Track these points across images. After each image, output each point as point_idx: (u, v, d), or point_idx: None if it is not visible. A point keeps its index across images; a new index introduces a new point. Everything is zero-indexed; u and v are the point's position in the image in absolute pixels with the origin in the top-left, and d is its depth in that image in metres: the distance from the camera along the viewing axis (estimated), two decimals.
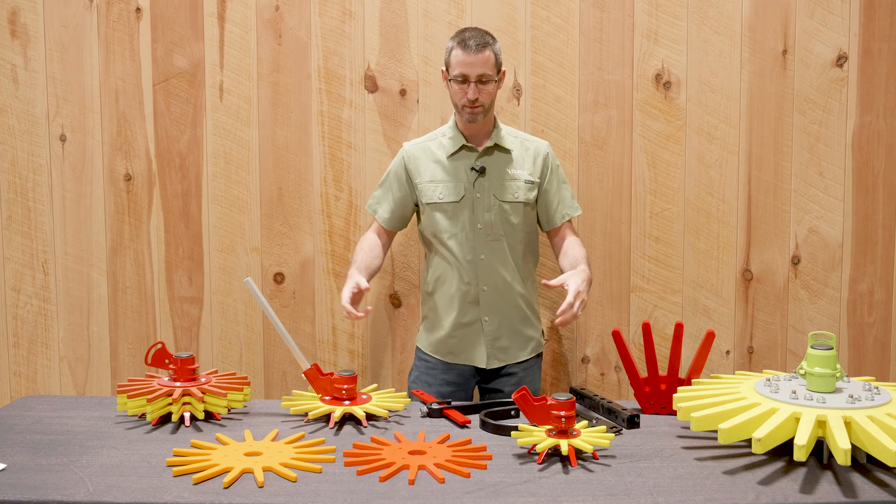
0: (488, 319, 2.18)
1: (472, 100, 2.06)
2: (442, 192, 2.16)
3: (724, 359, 2.58)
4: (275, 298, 2.57)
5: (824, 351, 1.55)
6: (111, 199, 2.57)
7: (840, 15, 2.48)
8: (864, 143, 2.52)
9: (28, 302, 2.60)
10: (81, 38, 2.52)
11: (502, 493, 1.37)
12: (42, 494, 1.35)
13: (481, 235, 2.15)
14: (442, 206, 2.16)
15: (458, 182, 2.15)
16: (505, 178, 2.16)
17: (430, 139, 2.24)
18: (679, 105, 2.51)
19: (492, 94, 2.10)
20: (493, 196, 2.15)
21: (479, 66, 2.04)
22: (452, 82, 2.09)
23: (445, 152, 2.18)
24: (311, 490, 1.38)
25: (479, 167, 2.14)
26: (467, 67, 2.05)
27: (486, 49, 2.06)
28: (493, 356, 2.19)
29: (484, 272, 2.16)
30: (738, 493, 1.36)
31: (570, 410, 1.53)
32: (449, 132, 2.20)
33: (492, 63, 2.07)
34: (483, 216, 2.15)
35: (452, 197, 2.15)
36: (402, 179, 2.22)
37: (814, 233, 2.54)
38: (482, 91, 2.07)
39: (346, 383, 1.77)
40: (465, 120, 2.12)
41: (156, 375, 1.87)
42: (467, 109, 2.09)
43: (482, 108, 2.09)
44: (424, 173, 2.19)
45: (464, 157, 2.17)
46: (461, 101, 2.09)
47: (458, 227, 2.15)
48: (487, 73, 2.06)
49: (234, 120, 2.53)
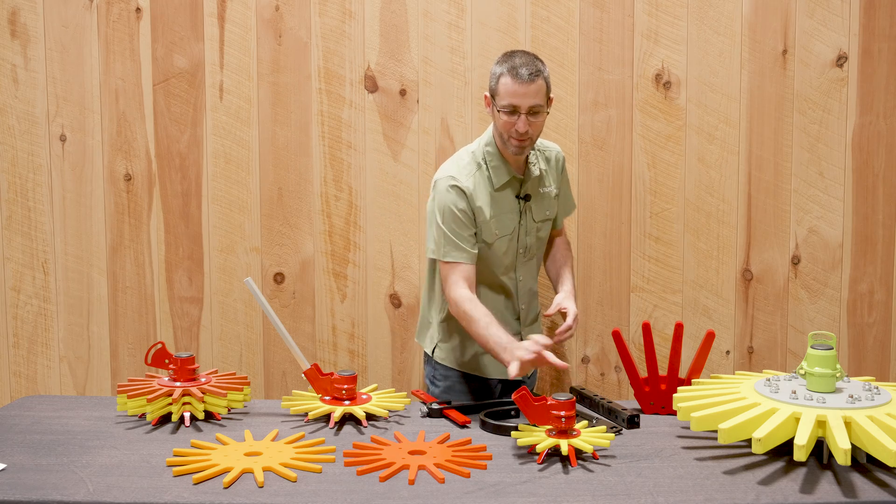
0: (524, 333, 2.14)
1: (521, 133, 1.90)
2: (497, 228, 2.02)
3: (724, 359, 2.58)
4: (275, 298, 2.57)
5: (824, 351, 1.55)
6: (111, 199, 2.57)
7: (840, 15, 2.48)
8: (864, 143, 2.52)
9: (28, 302, 2.60)
10: (81, 38, 2.52)
11: (502, 493, 1.37)
12: (42, 494, 1.35)
13: (521, 258, 2.11)
14: (497, 240, 2.04)
15: (508, 214, 2.04)
16: (540, 198, 2.10)
17: (475, 168, 2.02)
18: (679, 105, 2.51)
19: (540, 125, 1.95)
20: (532, 220, 2.09)
21: (530, 98, 1.88)
22: (501, 112, 1.92)
23: (493, 183, 2.02)
24: (311, 490, 1.38)
25: (525, 195, 2.05)
26: (518, 98, 1.88)
27: (539, 78, 1.89)
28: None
29: (522, 291, 2.14)
30: (738, 493, 1.36)
31: (570, 410, 1.53)
32: (492, 160, 2.02)
33: (543, 93, 1.91)
34: (524, 241, 2.09)
35: (505, 231, 2.04)
36: (470, 217, 1.99)
37: (814, 233, 2.54)
38: (532, 124, 1.91)
39: (346, 383, 1.77)
40: (512, 153, 1.97)
41: (156, 375, 1.87)
42: (514, 142, 1.93)
43: (530, 140, 1.94)
44: (485, 209, 2.00)
45: (508, 185, 2.04)
46: (508, 132, 1.92)
47: (508, 256, 2.08)
48: (539, 103, 1.90)
49: (234, 120, 2.53)
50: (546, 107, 1.94)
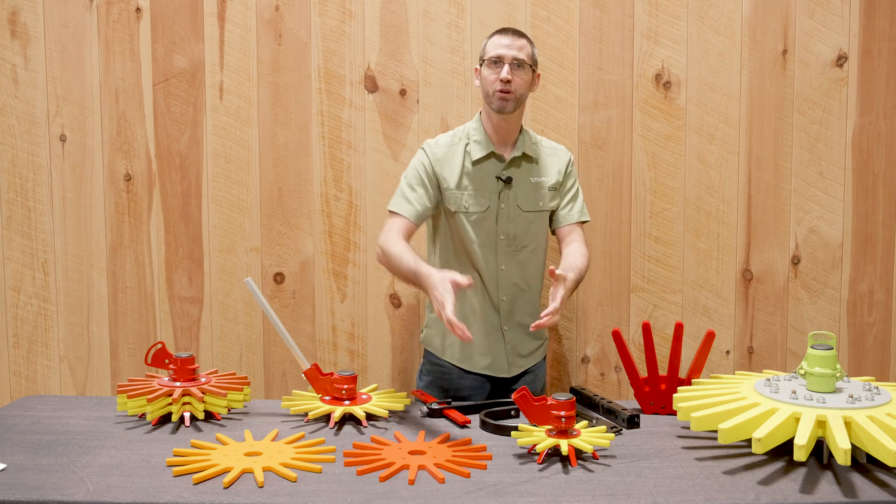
0: (507, 329, 2.14)
1: (504, 80, 1.96)
2: (467, 201, 2.06)
3: (724, 359, 2.58)
4: (275, 298, 2.57)
5: (824, 351, 1.55)
6: (111, 199, 2.57)
7: (840, 15, 2.48)
8: (864, 143, 2.52)
9: (28, 302, 2.60)
10: (81, 38, 2.52)
11: (502, 493, 1.37)
12: (42, 494, 1.35)
13: (503, 246, 2.09)
14: (467, 215, 2.07)
15: (484, 191, 2.07)
16: (530, 186, 2.09)
17: (456, 141, 2.10)
18: (679, 105, 2.51)
19: (524, 84, 2.01)
20: (517, 207, 2.08)
21: (515, 50, 1.99)
22: (485, 67, 2.01)
23: (471, 157, 2.07)
24: (311, 490, 1.38)
25: (506, 178, 2.06)
26: (503, 49, 1.99)
27: (524, 38, 2.02)
28: (513, 364, 2.16)
29: (504, 283, 2.11)
30: (738, 493, 1.36)
31: (570, 410, 1.53)
32: (475, 134, 2.09)
33: (528, 52, 2.01)
34: (506, 227, 2.08)
35: (477, 207, 2.06)
36: (431, 179, 2.07)
37: (814, 233, 2.54)
38: (515, 75, 1.98)
39: (346, 383, 1.77)
40: (494, 108, 2.01)
41: (156, 375, 1.87)
42: (498, 94, 1.98)
43: (513, 95, 1.99)
44: (451, 179, 2.06)
45: (490, 164, 2.08)
46: (493, 87, 1.99)
47: (482, 237, 2.08)
48: (523, 58, 1.99)
49: (234, 120, 2.53)
50: (531, 68, 2.03)
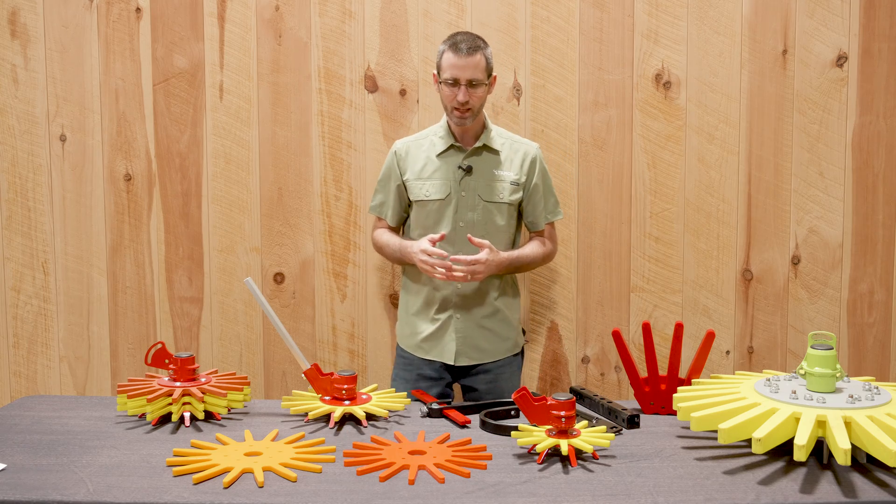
0: (459, 317, 2.20)
1: (461, 102, 2.08)
2: (428, 190, 2.18)
3: (724, 359, 2.58)
4: (275, 298, 2.57)
5: (824, 351, 1.55)
6: (111, 199, 2.57)
7: (840, 15, 2.48)
8: (864, 143, 2.52)
9: (28, 302, 2.60)
10: (81, 38, 2.52)
11: (502, 493, 1.37)
12: (42, 494, 1.35)
13: (462, 233, 2.17)
14: (428, 203, 2.18)
15: (445, 180, 2.18)
16: (491, 178, 2.19)
17: (422, 137, 2.26)
18: (679, 105, 2.51)
19: (481, 97, 2.12)
20: (477, 196, 2.17)
21: (469, 70, 2.06)
22: (443, 85, 2.11)
23: (435, 150, 2.20)
24: (311, 490, 1.38)
25: (466, 166, 2.17)
26: (458, 71, 2.06)
27: (478, 53, 2.07)
28: (462, 353, 2.21)
29: None
30: (738, 493, 1.36)
31: (570, 410, 1.53)
32: (440, 131, 2.22)
33: (482, 67, 2.09)
34: (466, 215, 2.17)
35: (438, 195, 2.17)
36: (396, 176, 2.24)
37: (814, 233, 2.54)
38: (472, 94, 2.08)
39: (346, 383, 1.77)
40: (454, 123, 2.15)
41: (156, 375, 1.87)
42: (456, 112, 2.11)
43: (471, 111, 2.11)
44: (413, 170, 2.21)
45: (452, 155, 2.19)
46: (451, 104, 2.11)
47: (442, 225, 2.18)
48: (478, 77, 2.08)
49: (234, 120, 2.53)
50: (486, 81, 2.11)
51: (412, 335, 2.26)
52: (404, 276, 2.30)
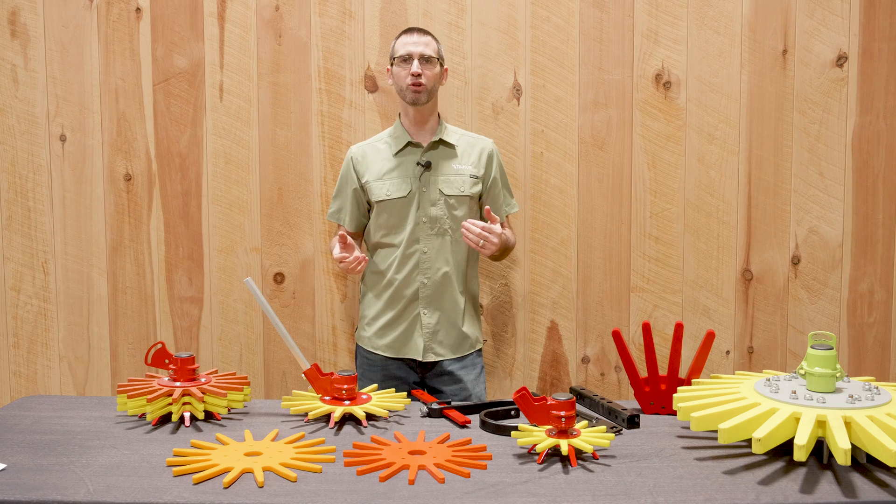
0: (427, 313, 2.21)
1: (415, 75, 2.13)
2: (389, 189, 2.20)
3: (724, 359, 2.58)
4: (275, 298, 2.57)
5: (824, 351, 1.55)
6: (111, 199, 2.57)
7: (840, 15, 2.48)
8: (864, 143, 2.52)
9: (28, 302, 2.60)
10: (81, 38, 2.52)
11: (502, 493, 1.37)
12: (42, 494, 1.35)
13: (425, 229, 2.19)
14: (389, 202, 2.20)
15: (405, 178, 2.20)
16: (450, 172, 2.22)
17: (377, 140, 2.30)
18: (679, 105, 2.51)
19: (434, 78, 2.18)
20: (439, 190, 2.20)
21: (421, 46, 2.16)
22: (396, 65, 2.18)
23: (391, 150, 2.23)
24: (311, 490, 1.38)
25: (425, 162, 2.19)
26: (411, 46, 2.15)
27: (429, 35, 2.19)
28: (429, 349, 2.22)
29: (425, 265, 2.20)
30: (738, 493, 1.36)
31: (570, 410, 1.53)
32: (394, 132, 2.26)
33: (434, 48, 2.18)
34: (428, 210, 2.19)
35: (399, 193, 2.19)
36: (353, 180, 2.26)
37: (814, 233, 2.54)
38: (425, 69, 2.15)
39: (346, 383, 1.77)
40: (409, 101, 2.17)
41: (156, 375, 1.87)
42: (411, 89, 2.15)
43: (425, 88, 2.16)
44: (372, 171, 2.23)
45: (410, 153, 2.22)
46: (405, 82, 2.16)
47: (405, 220, 2.20)
48: (429, 53, 2.16)
49: (234, 120, 2.53)
50: (438, 62, 2.19)
51: (379, 334, 2.25)
52: (369, 274, 2.28)
